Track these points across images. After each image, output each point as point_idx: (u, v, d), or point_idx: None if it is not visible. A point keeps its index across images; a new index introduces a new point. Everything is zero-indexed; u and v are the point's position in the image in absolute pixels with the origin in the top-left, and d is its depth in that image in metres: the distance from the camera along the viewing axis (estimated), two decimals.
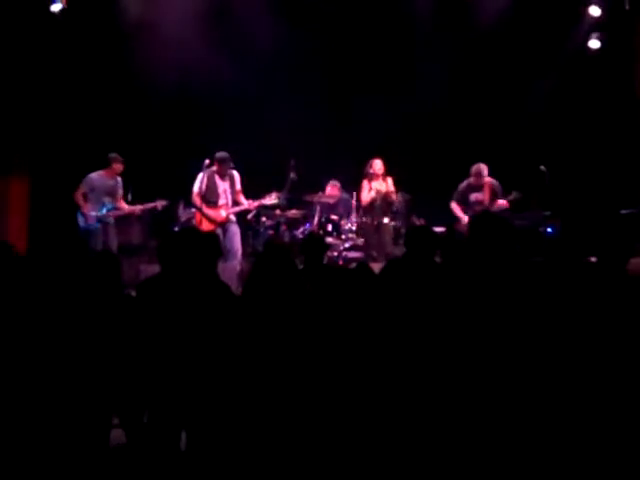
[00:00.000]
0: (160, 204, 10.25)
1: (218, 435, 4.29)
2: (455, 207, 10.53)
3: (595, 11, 11.54)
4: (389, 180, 10.82)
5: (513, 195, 10.32)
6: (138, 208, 10.28)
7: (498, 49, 11.86)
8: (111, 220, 10.18)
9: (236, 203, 10.21)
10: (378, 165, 10.79)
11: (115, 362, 4.59)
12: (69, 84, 11.35)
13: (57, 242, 9.23)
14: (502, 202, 10.32)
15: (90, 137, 11.23)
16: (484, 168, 10.43)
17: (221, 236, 9.77)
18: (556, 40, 11.89)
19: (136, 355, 4.59)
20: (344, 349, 3.55)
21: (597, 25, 11.70)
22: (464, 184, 10.57)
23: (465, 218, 10.19)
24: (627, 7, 10.84)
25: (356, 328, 3.60)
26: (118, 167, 10.22)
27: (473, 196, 10.47)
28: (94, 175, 10.20)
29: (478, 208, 10.25)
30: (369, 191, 10.77)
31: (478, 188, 10.48)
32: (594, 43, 11.81)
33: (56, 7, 10.66)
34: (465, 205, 10.48)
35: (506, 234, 4.22)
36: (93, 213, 10.00)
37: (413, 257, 5.06)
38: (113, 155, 10.22)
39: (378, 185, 10.76)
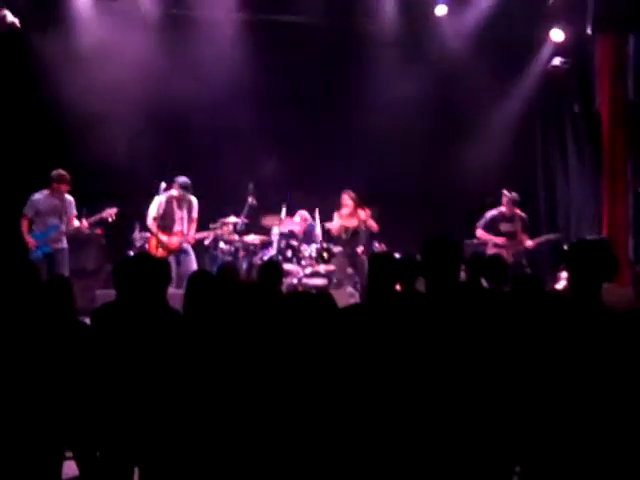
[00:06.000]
0: (108, 214, 9.63)
1: (171, 469, 4.24)
2: (484, 234, 10.32)
3: (557, 35, 11.55)
4: (360, 212, 10.61)
5: (553, 236, 10.38)
6: (86, 222, 9.61)
7: (463, 75, 11.83)
8: (62, 245, 9.62)
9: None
10: (346, 199, 10.64)
11: (68, 392, 4.45)
12: (24, 101, 11.15)
13: (7, 268, 8.87)
14: (530, 243, 10.31)
15: (46, 157, 10.78)
16: (517, 198, 10.31)
17: (174, 263, 9.68)
18: (519, 65, 12.02)
19: (88, 385, 4.48)
20: (299, 375, 3.44)
21: (559, 49, 11.80)
22: (494, 212, 10.36)
23: (501, 240, 10.13)
24: (589, 31, 10.82)
25: (312, 355, 3.47)
26: (62, 187, 9.56)
27: (504, 226, 10.27)
28: (37, 195, 9.59)
29: (512, 241, 10.18)
30: (337, 221, 10.67)
31: (510, 219, 10.30)
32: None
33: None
34: (493, 234, 10.28)
35: (459, 260, 4.18)
36: (36, 240, 9.44)
37: (376, 285, 4.93)
38: (56, 173, 9.57)
39: (348, 217, 10.64)
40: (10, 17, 10.33)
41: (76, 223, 9.66)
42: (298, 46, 11.93)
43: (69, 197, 9.72)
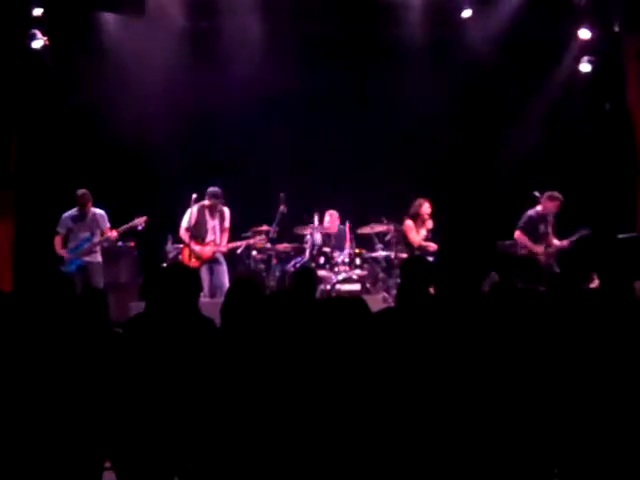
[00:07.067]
0: (138, 222, 9.77)
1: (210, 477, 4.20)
2: (523, 238, 9.96)
3: (585, 34, 11.46)
4: (430, 223, 10.44)
5: (582, 233, 9.97)
6: (115, 232, 9.77)
7: (491, 76, 11.81)
8: (95, 258, 9.79)
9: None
10: (428, 209, 10.38)
11: (106, 403, 4.45)
12: (54, 118, 11.22)
13: (43, 281, 8.99)
14: (564, 242, 9.98)
15: (80, 171, 10.94)
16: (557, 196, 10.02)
17: (206, 273, 9.80)
18: (547, 65, 11.96)
19: (126, 395, 4.46)
20: (333, 381, 3.45)
21: (587, 48, 11.67)
22: (532, 213, 10.03)
23: (539, 249, 9.74)
24: (617, 29, 10.71)
25: (346, 360, 3.50)
26: (87, 205, 9.75)
27: (542, 227, 9.97)
28: (68, 214, 9.82)
29: (544, 242, 9.91)
30: (417, 232, 10.37)
31: (545, 219, 10.01)
32: (585, 67, 11.77)
33: (37, 44, 10.51)
34: (533, 236, 9.96)
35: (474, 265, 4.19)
36: (69, 254, 9.66)
37: (408, 289, 4.87)
38: (77, 194, 9.74)
39: (423, 227, 10.42)
40: (40, 36, 10.46)
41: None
42: (325, 54, 11.96)
43: (100, 211, 9.87)
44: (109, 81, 11.15)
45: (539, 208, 10.09)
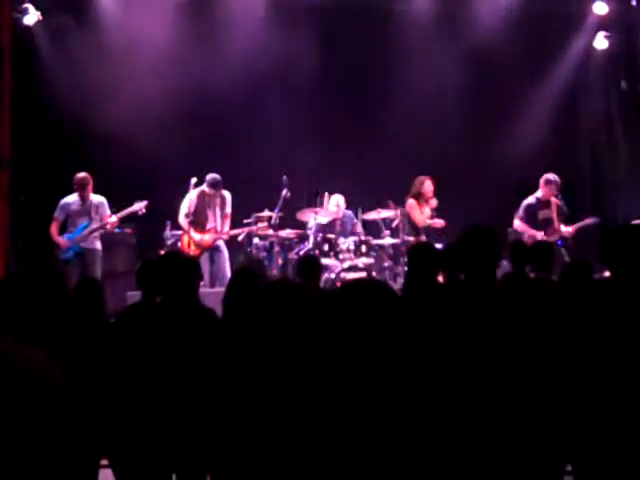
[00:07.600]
0: (139, 207, 9.60)
1: (209, 475, 4.12)
2: (522, 226, 9.67)
3: (601, 9, 11.21)
4: (434, 201, 10.27)
5: (592, 220, 9.73)
6: (115, 217, 9.59)
7: (502, 54, 11.56)
8: (93, 245, 9.59)
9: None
10: (430, 187, 10.22)
11: (102, 398, 4.42)
12: (48, 97, 11.03)
13: (36, 268, 8.79)
14: (569, 230, 9.71)
15: (76, 154, 10.78)
16: (553, 179, 9.73)
17: (206, 261, 9.64)
18: (560, 41, 11.79)
19: (122, 390, 4.44)
20: (337, 373, 3.25)
21: (604, 23, 11.52)
22: (530, 200, 9.76)
23: (539, 235, 9.38)
24: (634, 3, 10.44)
25: (352, 351, 3.25)
26: (87, 189, 9.57)
27: (542, 213, 9.68)
28: (67, 200, 9.65)
29: (549, 229, 9.59)
30: (422, 212, 10.20)
31: (546, 204, 9.70)
32: (600, 42, 11.61)
33: (30, 19, 10.46)
34: (532, 224, 9.64)
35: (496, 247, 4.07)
36: (67, 241, 9.49)
37: (415, 277, 4.96)
38: (77, 178, 9.55)
39: (427, 206, 10.24)
40: (32, 11, 10.40)
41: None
42: (330, 29, 11.78)
43: (100, 198, 9.70)
44: (105, 58, 10.98)
45: (539, 194, 9.83)
